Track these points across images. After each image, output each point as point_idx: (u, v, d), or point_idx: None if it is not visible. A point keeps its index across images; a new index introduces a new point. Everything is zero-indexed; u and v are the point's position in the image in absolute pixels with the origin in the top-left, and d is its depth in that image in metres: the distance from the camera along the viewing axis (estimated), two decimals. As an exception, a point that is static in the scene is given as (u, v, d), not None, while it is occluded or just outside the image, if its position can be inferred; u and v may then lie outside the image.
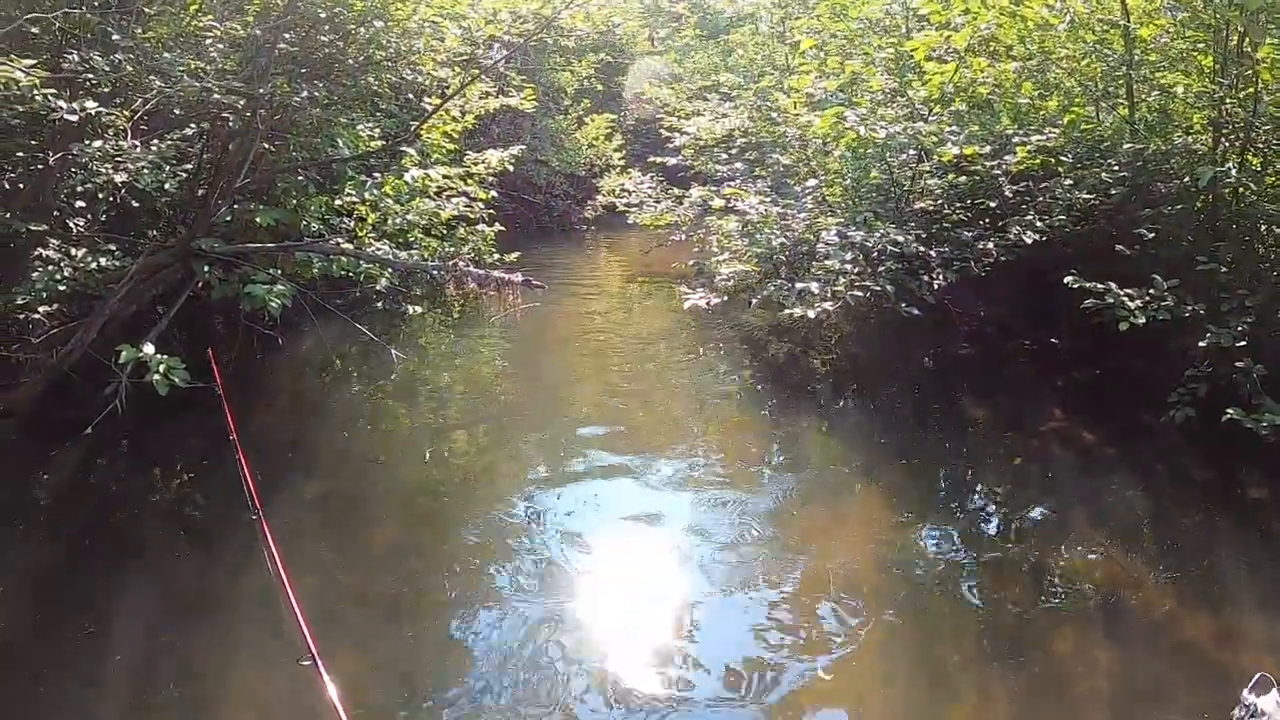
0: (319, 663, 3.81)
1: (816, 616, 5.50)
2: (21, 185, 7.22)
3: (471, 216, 11.46)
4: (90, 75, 6.47)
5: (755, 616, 5.51)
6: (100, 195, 7.63)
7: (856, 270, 9.58)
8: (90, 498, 6.95)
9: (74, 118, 6.12)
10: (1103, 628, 5.42)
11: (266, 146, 9.02)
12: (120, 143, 7.10)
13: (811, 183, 11.68)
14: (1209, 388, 7.37)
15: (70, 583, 5.73)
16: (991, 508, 7.11)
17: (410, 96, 11.57)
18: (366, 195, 10.15)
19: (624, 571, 6.00)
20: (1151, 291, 7.33)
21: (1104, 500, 6.97)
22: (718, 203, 11.76)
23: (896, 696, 4.93)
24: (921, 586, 5.89)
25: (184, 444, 7.62)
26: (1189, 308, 7.29)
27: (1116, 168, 8.99)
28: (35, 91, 5.76)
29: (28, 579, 5.83)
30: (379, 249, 9.86)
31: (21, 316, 7.33)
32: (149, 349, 6.40)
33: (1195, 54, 8.48)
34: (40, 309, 7.32)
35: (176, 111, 8.06)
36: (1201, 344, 7.23)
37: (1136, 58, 8.76)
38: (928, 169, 10.18)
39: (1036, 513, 6.85)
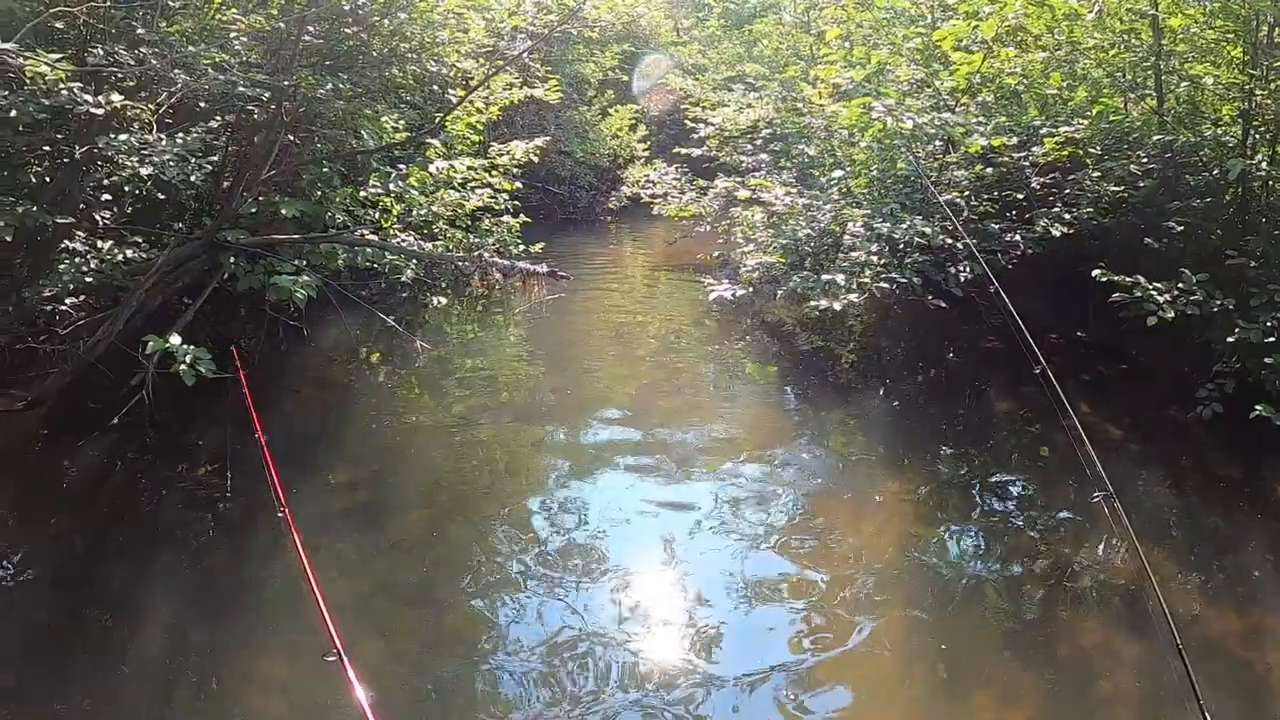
0: (344, 659, 3.82)
1: (839, 607, 5.49)
2: (48, 178, 7.27)
3: (496, 207, 11.45)
4: (115, 69, 6.50)
5: (778, 607, 5.52)
6: (126, 188, 7.67)
7: (882, 262, 9.52)
8: (118, 488, 7.00)
9: (99, 111, 6.15)
10: (1127, 624, 5.39)
11: (291, 139, 9.04)
12: (146, 136, 7.11)
13: (837, 174, 11.61)
14: (1237, 384, 7.30)
15: (98, 572, 5.78)
16: (1016, 501, 7.06)
17: (435, 88, 11.55)
18: (391, 187, 10.16)
19: (648, 560, 6.00)
20: (1180, 285, 7.27)
21: (1129, 495, 6.90)
22: (743, 194, 11.72)
23: (919, 688, 4.92)
24: (945, 579, 5.88)
25: (211, 434, 7.66)
26: (1218, 302, 7.22)
27: (1145, 160, 8.92)
28: (61, 85, 5.79)
29: (57, 568, 5.88)
30: (404, 240, 9.88)
31: (49, 308, 7.40)
32: (175, 339, 6.44)
33: (1225, 45, 8.38)
34: (67, 301, 7.38)
35: (202, 104, 8.08)
36: (1230, 339, 7.16)
37: (1165, 48, 8.67)
38: (954, 160, 10.11)
39: (1061, 507, 6.81)
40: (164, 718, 4.59)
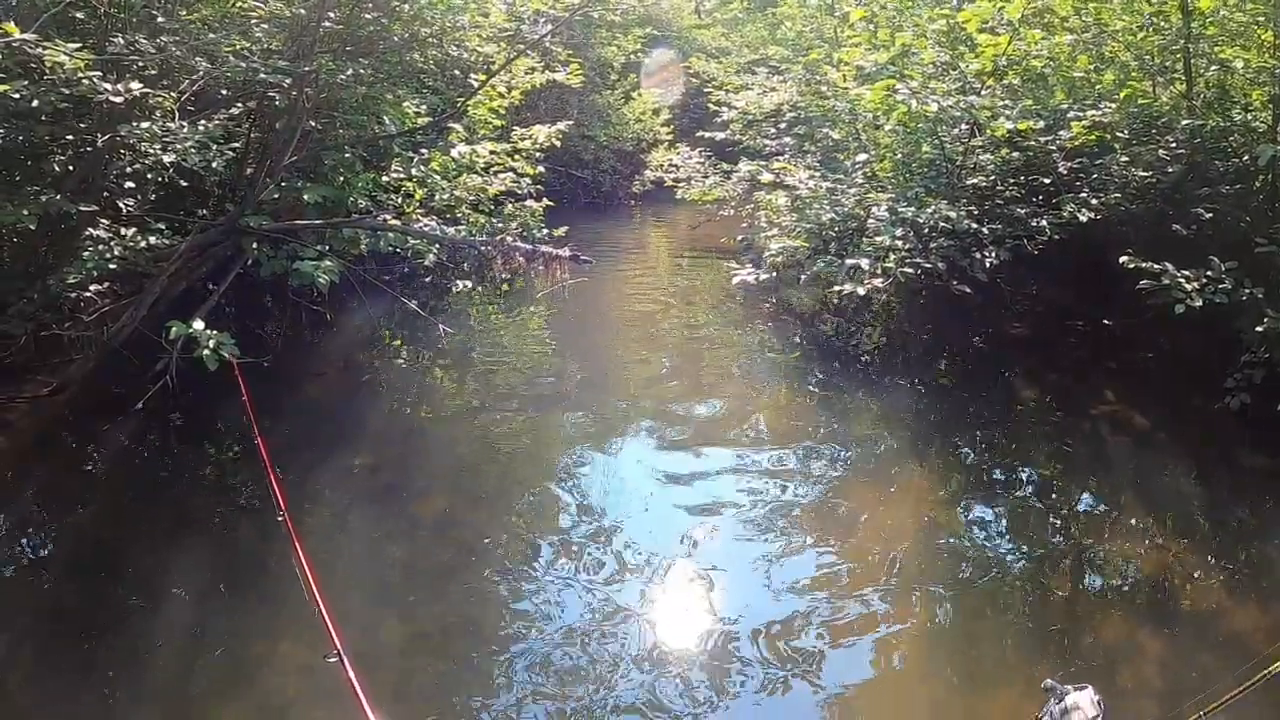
0: (344, 659, 3.85)
1: (863, 593, 5.49)
2: (72, 167, 7.31)
3: (519, 192, 11.42)
4: (136, 58, 6.52)
5: (800, 591, 5.52)
6: (149, 175, 7.71)
7: (907, 247, 9.41)
8: (141, 472, 7.07)
9: (120, 100, 6.17)
10: (1150, 615, 5.35)
11: (313, 124, 9.05)
12: (168, 123, 7.13)
13: (861, 157, 11.51)
14: (1266, 374, 7.20)
15: (121, 554, 5.83)
16: (1040, 490, 7.00)
17: (456, 73, 11.53)
18: (413, 171, 10.14)
19: (669, 544, 6.01)
20: (1208, 273, 7.15)
21: (1155, 485, 6.86)
22: (767, 177, 11.63)
23: (941, 676, 4.90)
24: (968, 566, 5.85)
25: (234, 419, 7.68)
26: (1246, 291, 7.10)
27: (1173, 145, 8.79)
28: (82, 75, 5.79)
29: (81, 549, 5.97)
30: (426, 225, 9.86)
31: (74, 295, 7.44)
32: (199, 325, 6.45)
33: (1255, 28, 8.23)
34: (92, 287, 7.42)
35: (223, 91, 8.10)
36: (1259, 329, 7.04)
37: (1194, 31, 8.51)
38: (980, 144, 9.99)
39: (1086, 496, 6.77)
40: (182, 700, 4.63)
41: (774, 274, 10.66)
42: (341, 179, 9.45)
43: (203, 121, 7.56)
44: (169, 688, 4.69)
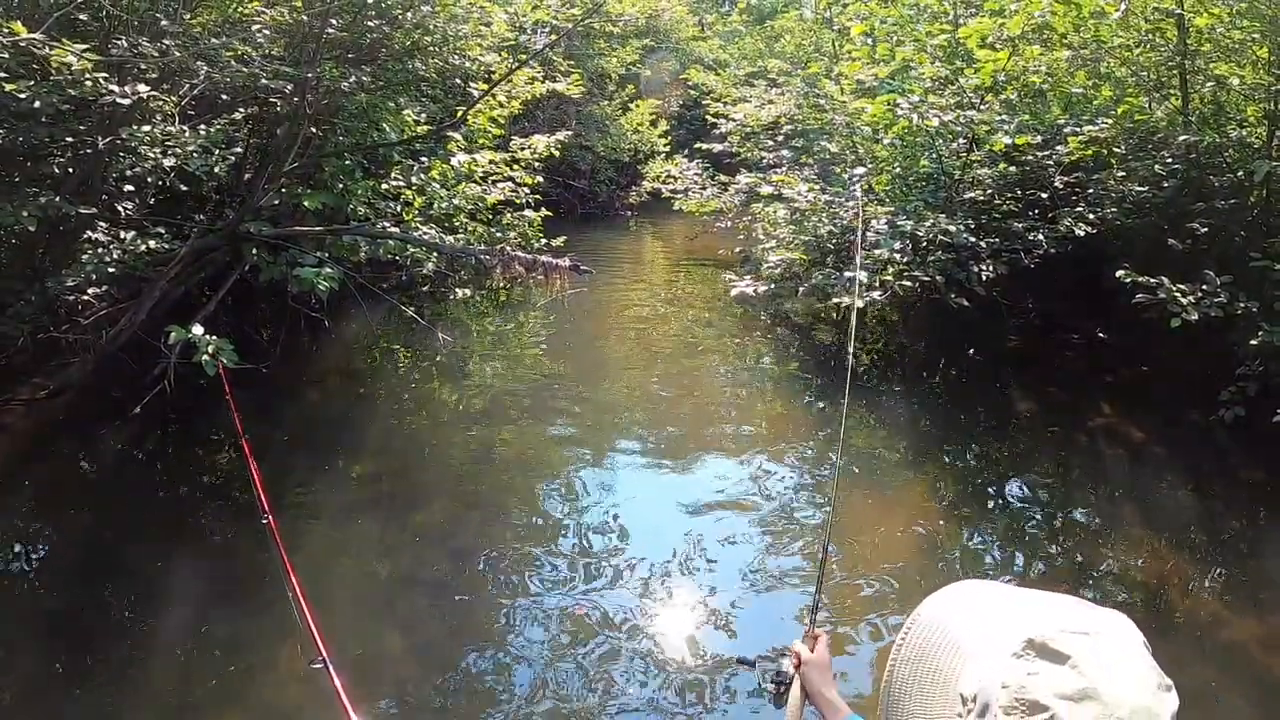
0: (329, 666, 3.85)
1: (861, 604, 5.48)
2: (71, 169, 7.30)
3: (518, 201, 11.47)
4: (138, 61, 6.52)
5: (795, 603, 5.50)
6: (149, 179, 7.70)
7: (905, 260, 9.46)
8: (138, 476, 7.06)
9: (125, 102, 6.16)
10: (1147, 628, 5.30)
11: (314, 131, 9.06)
12: (169, 127, 7.14)
13: (860, 170, 11.56)
14: (1260, 387, 7.24)
15: (118, 558, 5.81)
16: (1037, 503, 7.01)
17: (457, 81, 11.56)
18: (413, 180, 10.17)
19: (664, 554, 5.98)
20: (1204, 287, 7.19)
21: (1151, 498, 6.88)
22: (766, 190, 11.67)
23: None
24: (966, 578, 5.81)
25: (231, 424, 7.69)
26: (1241, 305, 7.14)
27: (1169, 160, 8.83)
28: (86, 76, 5.80)
29: (77, 554, 5.93)
30: (425, 233, 9.88)
31: (72, 298, 7.44)
32: (198, 330, 6.45)
33: (1251, 45, 8.28)
34: (90, 291, 7.42)
35: (224, 96, 8.10)
36: (1253, 342, 7.09)
37: (1191, 48, 8.56)
38: (978, 158, 10.04)
39: (1082, 509, 6.77)
40: (177, 704, 4.61)
41: (771, 286, 10.69)
42: (341, 186, 9.47)
43: (203, 126, 7.58)
44: (165, 692, 4.67)
